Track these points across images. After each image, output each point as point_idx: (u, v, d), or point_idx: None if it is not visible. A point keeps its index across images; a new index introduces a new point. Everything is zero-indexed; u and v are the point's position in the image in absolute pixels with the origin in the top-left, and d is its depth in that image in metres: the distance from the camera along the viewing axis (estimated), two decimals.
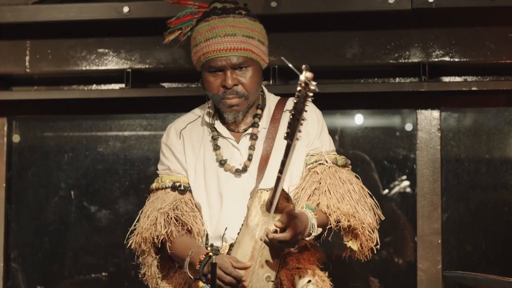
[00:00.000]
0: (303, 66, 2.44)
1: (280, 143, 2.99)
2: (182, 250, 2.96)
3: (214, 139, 3.08)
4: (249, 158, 3.04)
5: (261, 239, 2.80)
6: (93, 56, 4.28)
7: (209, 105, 3.13)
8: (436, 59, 4.05)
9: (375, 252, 3.09)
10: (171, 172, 3.11)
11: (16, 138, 4.55)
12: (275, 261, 2.83)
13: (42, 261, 4.49)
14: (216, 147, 3.07)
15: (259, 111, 3.11)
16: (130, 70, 4.23)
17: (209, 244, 3.00)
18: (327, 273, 3.12)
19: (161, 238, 2.98)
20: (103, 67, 4.28)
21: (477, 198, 4.19)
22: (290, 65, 2.57)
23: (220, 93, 3.01)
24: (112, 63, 4.27)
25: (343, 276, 4.30)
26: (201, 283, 2.94)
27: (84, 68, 4.29)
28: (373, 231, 3.02)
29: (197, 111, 3.18)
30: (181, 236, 2.99)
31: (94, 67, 4.29)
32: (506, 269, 4.02)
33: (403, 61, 4.07)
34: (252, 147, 3.05)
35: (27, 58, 4.33)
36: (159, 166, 3.17)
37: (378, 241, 3.05)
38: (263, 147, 3.04)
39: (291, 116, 2.54)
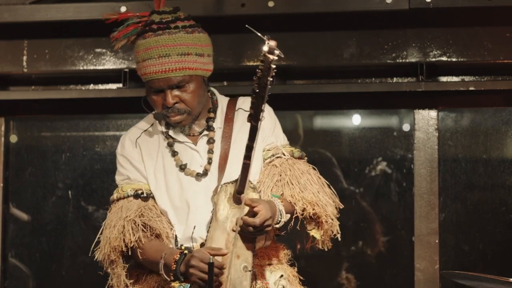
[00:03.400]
0: (266, 36, 2.45)
1: (237, 142, 3.04)
2: (153, 254, 2.96)
3: (170, 145, 3.09)
4: (209, 162, 3.05)
5: (233, 230, 2.83)
6: (91, 56, 4.28)
7: None
8: (434, 59, 4.06)
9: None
10: (131, 181, 3.11)
11: (13, 138, 4.55)
12: (249, 251, 2.86)
13: (39, 261, 4.49)
14: (174, 153, 3.07)
15: (211, 114, 3.12)
16: (128, 70, 4.23)
17: (179, 245, 3.00)
18: (296, 268, 3.14)
19: (131, 246, 2.98)
20: (101, 67, 4.28)
21: (475, 198, 4.19)
22: (258, 33, 2.57)
23: (163, 111, 3.02)
24: (110, 63, 4.27)
25: (339, 276, 4.31)
26: (175, 284, 2.93)
27: (81, 68, 4.29)
28: (333, 220, 3.05)
29: (149, 120, 3.18)
30: (150, 241, 2.99)
31: (92, 67, 4.29)
32: (504, 269, 4.02)
33: (400, 61, 4.08)
34: (210, 151, 3.06)
35: (25, 58, 4.32)
36: (117, 177, 3.16)
37: (339, 230, 3.06)
38: (220, 147, 3.06)
39: (253, 95, 2.55)
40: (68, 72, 4.33)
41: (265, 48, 2.48)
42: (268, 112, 3.13)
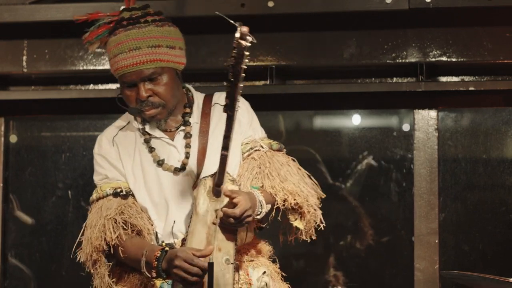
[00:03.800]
0: (237, 22, 2.44)
1: (214, 136, 3.04)
2: (135, 251, 2.95)
3: (146, 142, 3.08)
4: (187, 156, 3.04)
5: (213, 223, 2.84)
6: (90, 56, 4.28)
7: None
8: (434, 59, 4.06)
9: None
10: (109, 180, 3.10)
11: (13, 138, 4.55)
12: (230, 243, 2.86)
13: (39, 261, 4.49)
14: (151, 149, 3.07)
15: (187, 110, 3.11)
16: None
17: (160, 242, 3.00)
18: (278, 265, 3.13)
19: (112, 244, 2.97)
20: (100, 67, 4.28)
21: (474, 198, 4.19)
22: (229, 20, 2.59)
23: (137, 106, 3.02)
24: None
25: (339, 276, 4.31)
26: (157, 282, 2.94)
27: (81, 68, 4.29)
28: (315, 210, 3.06)
29: (125, 118, 3.18)
30: (131, 238, 2.98)
31: (92, 67, 4.29)
32: (504, 269, 4.02)
33: (400, 61, 4.08)
34: (188, 145, 3.06)
35: (24, 58, 4.32)
36: (96, 177, 3.15)
37: (322, 219, 3.06)
38: (198, 141, 3.06)
39: (228, 84, 2.55)
40: (68, 72, 4.33)
41: (237, 34, 2.48)
42: (245, 106, 3.14)
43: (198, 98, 3.17)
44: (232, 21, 2.56)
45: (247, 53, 2.53)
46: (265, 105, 4.32)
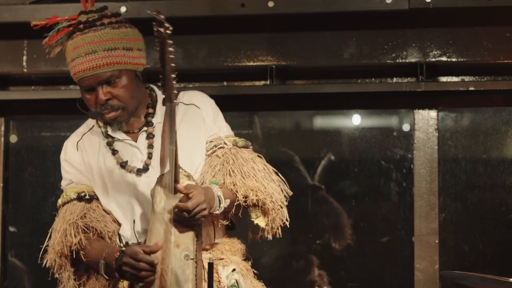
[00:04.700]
0: (154, 11, 2.50)
1: (178, 136, 2.99)
2: (96, 255, 2.97)
3: (109, 144, 3.08)
4: (149, 157, 3.04)
5: (170, 219, 2.83)
6: None
7: None
8: (434, 59, 4.06)
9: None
10: (75, 184, 3.12)
11: (13, 138, 4.55)
12: (189, 238, 2.85)
13: (39, 261, 4.48)
14: (114, 152, 3.07)
15: (150, 110, 3.11)
16: None
17: (124, 243, 3.01)
18: (250, 262, 3.11)
19: (73, 248, 2.99)
20: None
21: (475, 198, 4.19)
22: (149, 12, 2.62)
23: (97, 110, 3.02)
24: None
25: (339, 276, 4.31)
26: (126, 282, 2.94)
27: None
28: (281, 207, 3.02)
29: (89, 123, 3.19)
30: (92, 242, 2.99)
31: None
32: (504, 269, 4.02)
33: (400, 61, 4.08)
34: (150, 146, 3.05)
35: (24, 58, 4.32)
36: (62, 182, 3.17)
37: (288, 217, 3.02)
38: (161, 141, 3.03)
39: (160, 76, 2.56)
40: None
41: (154, 23, 2.50)
42: (209, 103, 3.13)
43: (161, 97, 3.16)
44: (148, 11, 2.58)
45: (170, 41, 2.53)
46: (265, 105, 4.32)
